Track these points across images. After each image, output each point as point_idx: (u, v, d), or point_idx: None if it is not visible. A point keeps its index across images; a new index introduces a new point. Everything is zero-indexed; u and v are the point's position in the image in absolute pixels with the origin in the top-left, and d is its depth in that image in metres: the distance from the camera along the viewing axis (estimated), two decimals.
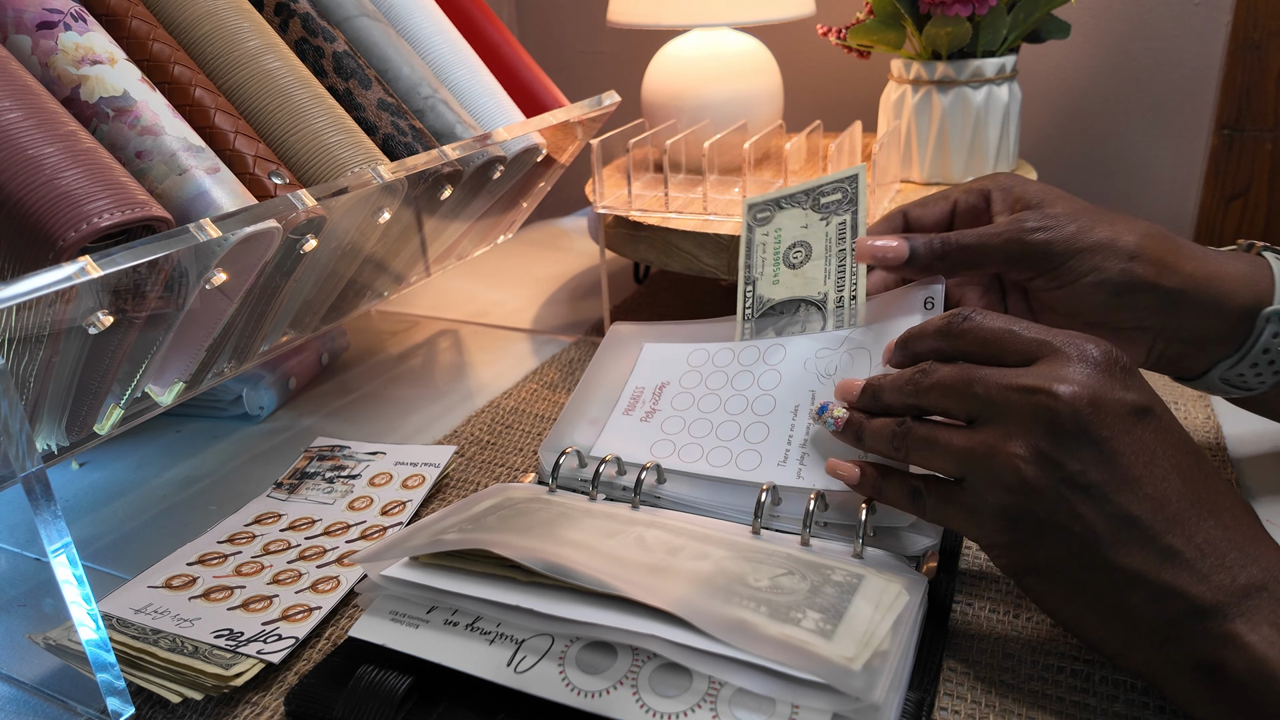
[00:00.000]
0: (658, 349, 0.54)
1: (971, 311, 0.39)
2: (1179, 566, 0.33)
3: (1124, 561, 0.33)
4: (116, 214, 0.37)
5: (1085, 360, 0.35)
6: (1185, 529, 0.33)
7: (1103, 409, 0.34)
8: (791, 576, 0.37)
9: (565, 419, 0.52)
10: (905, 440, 0.39)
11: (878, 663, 0.33)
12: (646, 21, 0.84)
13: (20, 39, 0.41)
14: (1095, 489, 0.34)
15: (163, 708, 0.39)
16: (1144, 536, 0.33)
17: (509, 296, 0.89)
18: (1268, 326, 0.45)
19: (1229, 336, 0.46)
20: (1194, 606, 0.32)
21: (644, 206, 0.72)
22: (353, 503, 0.52)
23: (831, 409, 0.43)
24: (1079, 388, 0.34)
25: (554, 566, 0.36)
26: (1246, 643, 0.31)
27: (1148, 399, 0.35)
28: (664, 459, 0.48)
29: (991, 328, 0.38)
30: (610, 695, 0.34)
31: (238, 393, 0.65)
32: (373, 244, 0.59)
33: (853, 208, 0.50)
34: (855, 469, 0.42)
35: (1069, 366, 0.35)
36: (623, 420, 0.51)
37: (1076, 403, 0.34)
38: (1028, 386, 0.35)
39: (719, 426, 0.48)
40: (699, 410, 0.49)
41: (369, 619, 0.39)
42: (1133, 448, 0.34)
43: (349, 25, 0.57)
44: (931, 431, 0.38)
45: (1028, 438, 0.35)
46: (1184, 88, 0.92)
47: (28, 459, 0.34)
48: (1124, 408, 0.34)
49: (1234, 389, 0.48)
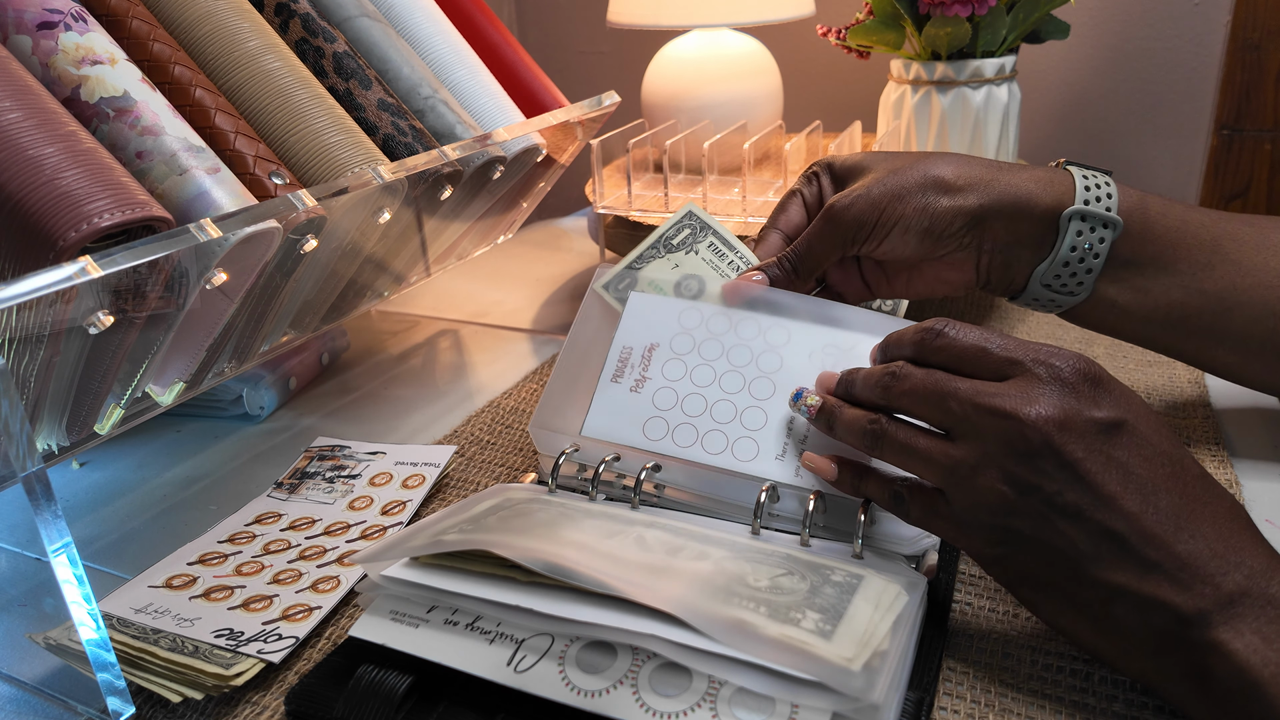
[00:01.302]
0: (644, 299, 0.51)
1: (945, 326, 0.39)
2: (1161, 578, 0.33)
3: (1108, 576, 0.33)
4: (117, 214, 0.37)
5: (1054, 380, 0.36)
6: (1165, 541, 0.33)
7: (1072, 430, 0.35)
8: (791, 577, 0.37)
9: (552, 390, 0.51)
10: (880, 440, 0.40)
11: (877, 663, 0.33)
12: (646, 22, 0.84)
13: (20, 39, 0.41)
14: (1073, 509, 0.34)
15: (163, 707, 0.39)
16: (1124, 551, 0.33)
17: (509, 296, 0.89)
18: (1070, 225, 0.48)
19: (1039, 240, 0.49)
20: (1178, 616, 0.32)
21: (644, 206, 0.72)
22: (353, 502, 0.52)
23: (806, 395, 0.44)
24: (1047, 410, 0.35)
25: (554, 567, 0.36)
26: (1230, 650, 0.31)
27: (1119, 412, 0.35)
28: (658, 441, 0.47)
29: (965, 344, 0.38)
30: (610, 695, 0.34)
31: (238, 393, 0.65)
32: (373, 244, 0.59)
33: (708, 231, 0.53)
34: (832, 465, 0.42)
35: (1038, 387, 0.36)
36: (611, 390, 0.49)
37: (1046, 427, 0.35)
38: (998, 410, 0.35)
39: (714, 405, 0.47)
40: (692, 383, 0.48)
41: (369, 618, 0.39)
42: (1106, 466, 0.34)
43: (349, 25, 0.57)
44: (909, 437, 0.39)
45: (1003, 462, 0.35)
46: (1184, 88, 0.92)
47: (28, 459, 0.34)
48: (1094, 426, 0.35)
49: (1057, 297, 0.51)
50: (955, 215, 0.49)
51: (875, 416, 0.40)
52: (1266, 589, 0.32)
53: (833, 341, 0.48)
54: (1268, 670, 0.30)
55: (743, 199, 0.69)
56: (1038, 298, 0.51)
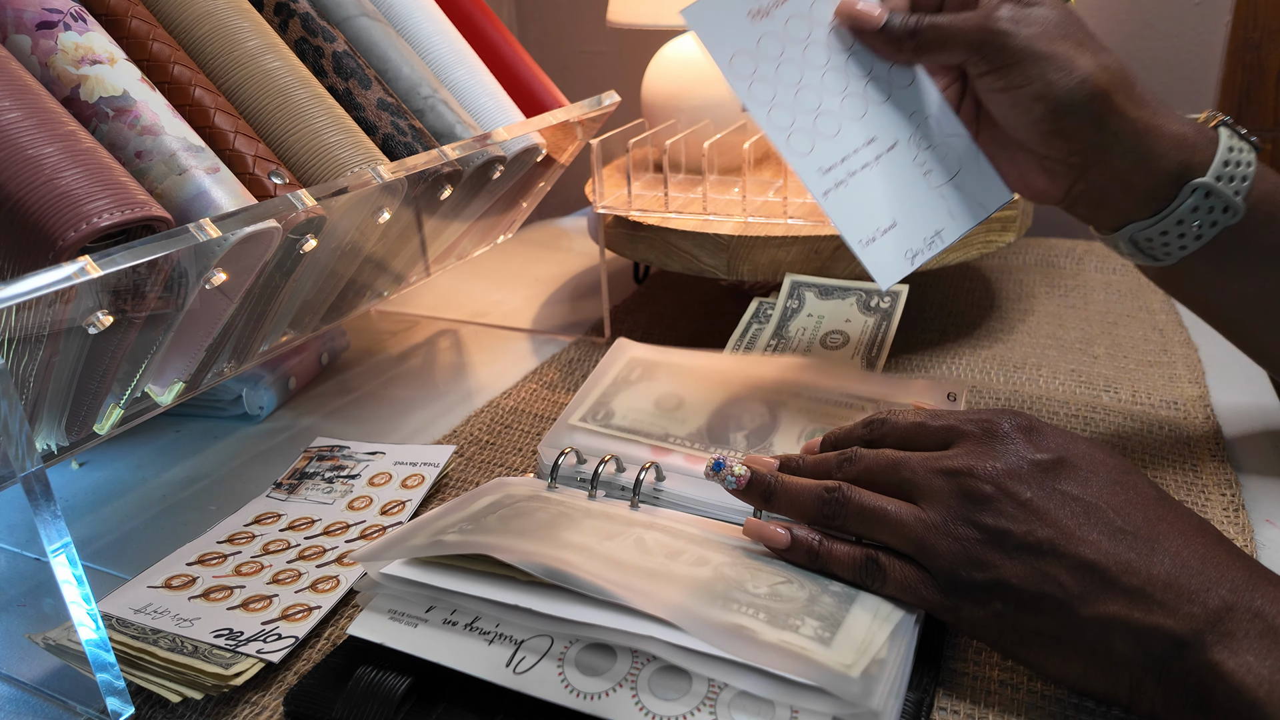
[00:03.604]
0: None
1: (887, 415, 0.42)
2: (1148, 603, 0.33)
3: (1099, 610, 0.33)
4: (116, 214, 0.37)
5: (992, 435, 0.38)
6: (1139, 565, 0.33)
7: (1017, 475, 0.36)
8: (790, 585, 0.37)
9: (564, 419, 0.52)
10: (842, 507, 0.38)
11: (875, 670, 0.33)
12: (646, 21, 0.84)
13: (20, 39, 0.41)
14: (1047, 544, 0.34)
15: (162, 707, 0.39)
16: (1105, 581, 0.33)
17: (509, 296, 0.89)
18: (1190, 198, 0.44)
19: (1151, 195, 0.45)
20: (1173, 640, 0.32)
21: (644, 206, 0.72)
22: (352, 502, 0.52)
23: (730, 465, 0.41)
24: (992, 460, 0.36)
25: (554, 572, 0.36)
26: (1226, 671, 0.31)
27: (1057, 451, 0.37)
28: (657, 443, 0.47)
29: (905, 424, 0.41)
30: (609, 697, 0.34)
31: (237, 393, 0.65)
32: (372, 244, 0.59)
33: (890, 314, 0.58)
34: (784, 535, 0.39)
35: (979, 445, 0.37)
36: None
37: (994, 475, 0.36)
38: (949, 469, 0.37)
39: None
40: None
41: (367, 617, 0.39)
42: (1057, 502, 0.35)
43: (349, 25, 0.57)
44: (877, 502, 0.38)
45: (968, 517, 0.36)
46: (1184, 88, 0.92)
47: (27, 459, 0.34)
48: (1035, 468, 0.36)
49: (1141, 254, 0.47)
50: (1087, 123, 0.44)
51: (832, 485, 0.39)
52: (1251, 602, 0.32)
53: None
54: (1263, 689, 0.30)
55: (743, 199, 0.69)
56: (1118, 247, 0.48)
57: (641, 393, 0.54)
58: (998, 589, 0.35)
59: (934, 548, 0.36)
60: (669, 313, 0.80)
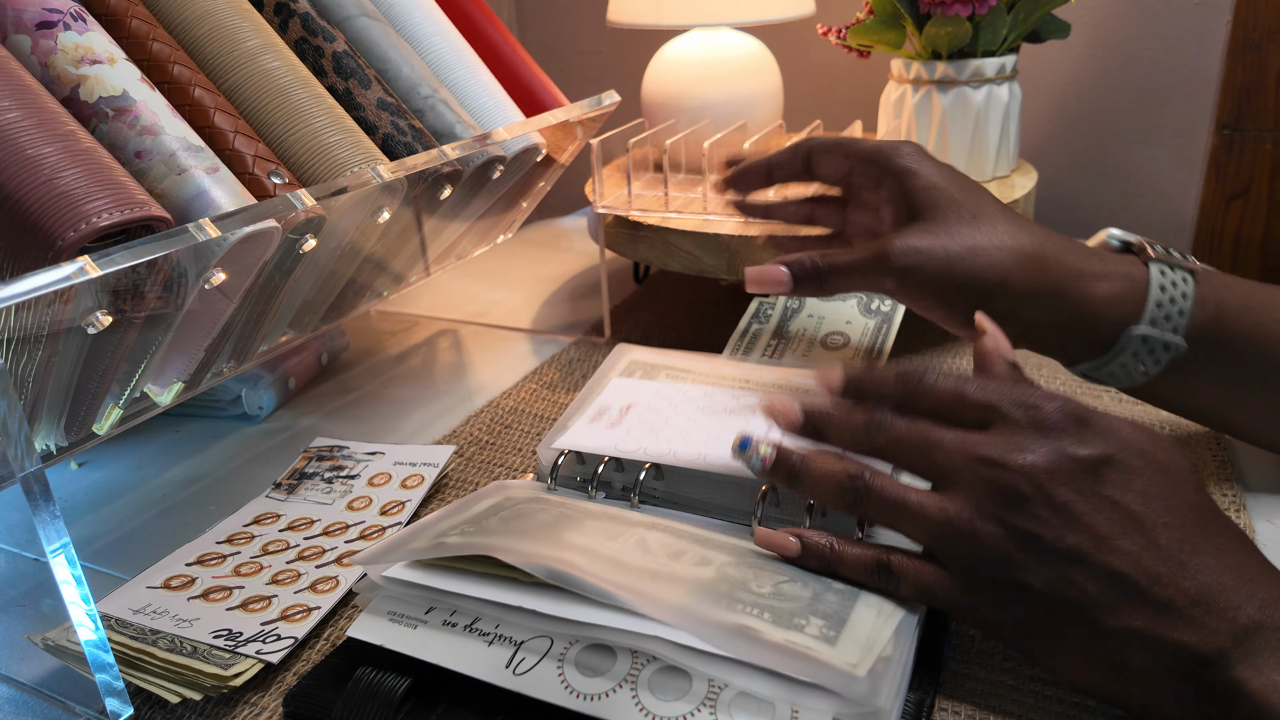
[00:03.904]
0: (626, 383, 0.53)
1: (924, 374, 0.38)
2: (1174, 618, 0.32)
3: (1123, 622, 0.32)
4: (116, 214, 0.37)
5: (1037, 424, 0.35)
6: (1172, 579, 0.32)
7: (1059, 474, 0.34)
8: (794, 584, 0.37)
9: (562, 423, 0.52)
10: (863, 498, 0.37)
11: (881, 668, 0.33)
12: (646, 21, 0.84)
13: (20, 39, 0.40)
14: (1076, 553, 0.33)
15: (162, 708, 0.39)
16: (1134, 593, 0.32)
17: (509, 296, 0.89)
18: (1129, 345, 0.45)
19: (1090, 346, 0.46)
20: (1197, 657, 0.31)
21: (644, 206, 0.72)
22: (352, 503, 0.52)
23: (756, 445, 0.39)
24: (1033, 456, 0.34)
25: (557, 574, 0.36)
26: (1250, 690, 0.30)
27: (1104, 447, 0.34)
28: (653, 447, 0.47)
29: (942, 390, 0.38)
30: (609, 698, 0.34)
31: (237, 393, 0.65)
32: (372, 244, 0.59)
33: (891, 318, 0.60)
34: (795, 544, 0.38)
35: (1020, 434, 0.35)
36: (590, 424, 0.51)
37: (1034, 473, 0.34)
38: (986, 459, 0.35)
39: (697, 418, 0.49)
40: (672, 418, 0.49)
41: (367, 618, 0.39)
42: (1098, 507, 0.33)
43: (349, 25, 0.57)
44: (899, 493, 0.36)
45: (998, 514, 0.34)
46: (1184, 88, 0.92)
47: (26, 459, 0.34)
48: (1080, 466, 0.34)
49: (1101, 383, 0.48)
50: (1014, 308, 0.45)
51: (855, 472, 0.37)
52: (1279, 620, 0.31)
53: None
54: None
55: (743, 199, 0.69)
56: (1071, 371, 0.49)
57: None
58: (1019, 592, 0.34)
59: (956, 544, 0.35)
60: (669, 313, 0.80)
